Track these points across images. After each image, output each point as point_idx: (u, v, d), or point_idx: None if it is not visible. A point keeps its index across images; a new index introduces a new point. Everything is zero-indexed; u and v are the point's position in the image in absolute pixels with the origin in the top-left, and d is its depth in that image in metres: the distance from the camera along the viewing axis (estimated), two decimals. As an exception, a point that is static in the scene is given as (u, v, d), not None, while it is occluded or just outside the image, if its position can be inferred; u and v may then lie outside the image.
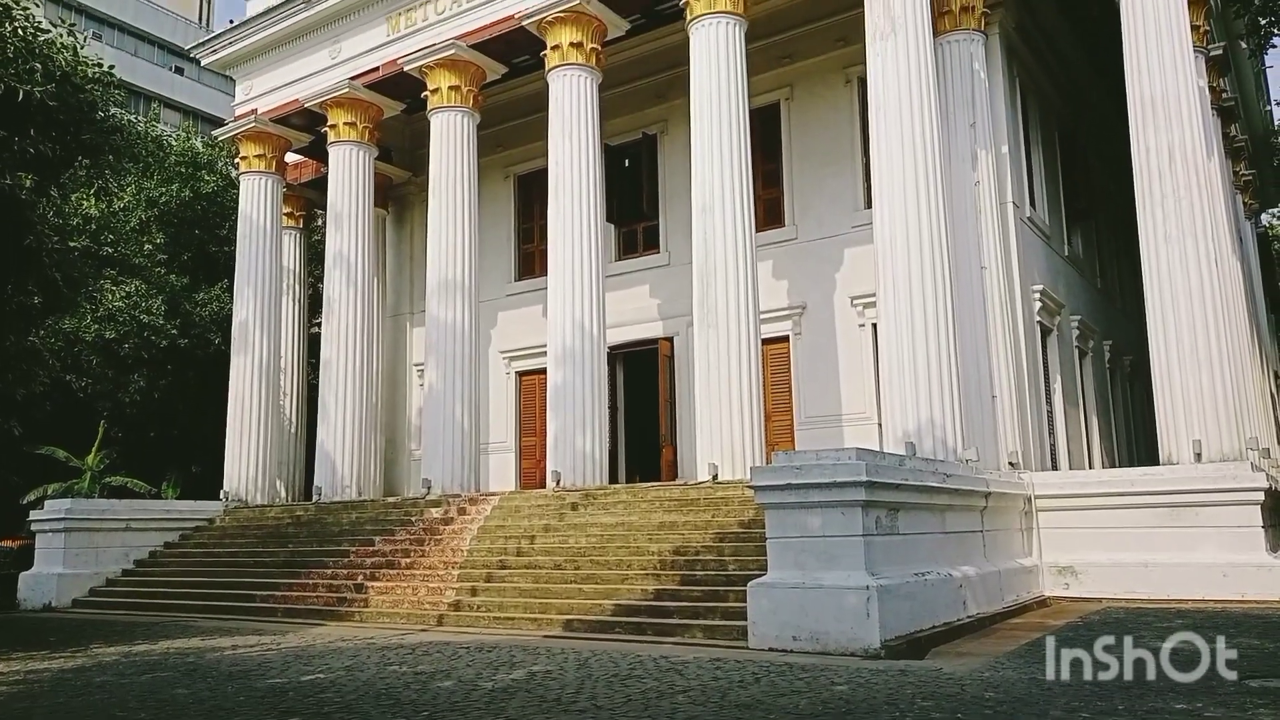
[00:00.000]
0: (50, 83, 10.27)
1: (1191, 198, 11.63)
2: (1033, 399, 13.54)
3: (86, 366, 19.98)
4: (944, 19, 13.43)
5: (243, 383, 18.25)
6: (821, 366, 15.25)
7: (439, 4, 16.52)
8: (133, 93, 35.99)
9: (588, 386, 14.08)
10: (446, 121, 16.25)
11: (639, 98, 17.34)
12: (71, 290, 12.34)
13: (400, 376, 20.54)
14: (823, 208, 15.69)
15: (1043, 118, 16.73)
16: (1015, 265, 13.59)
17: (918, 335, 11.59)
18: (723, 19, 13.47)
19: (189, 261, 22.70)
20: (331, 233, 17.67)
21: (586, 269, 14.39)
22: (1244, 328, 15.42)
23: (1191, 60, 12.29)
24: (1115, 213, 19.88)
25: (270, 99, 18.85)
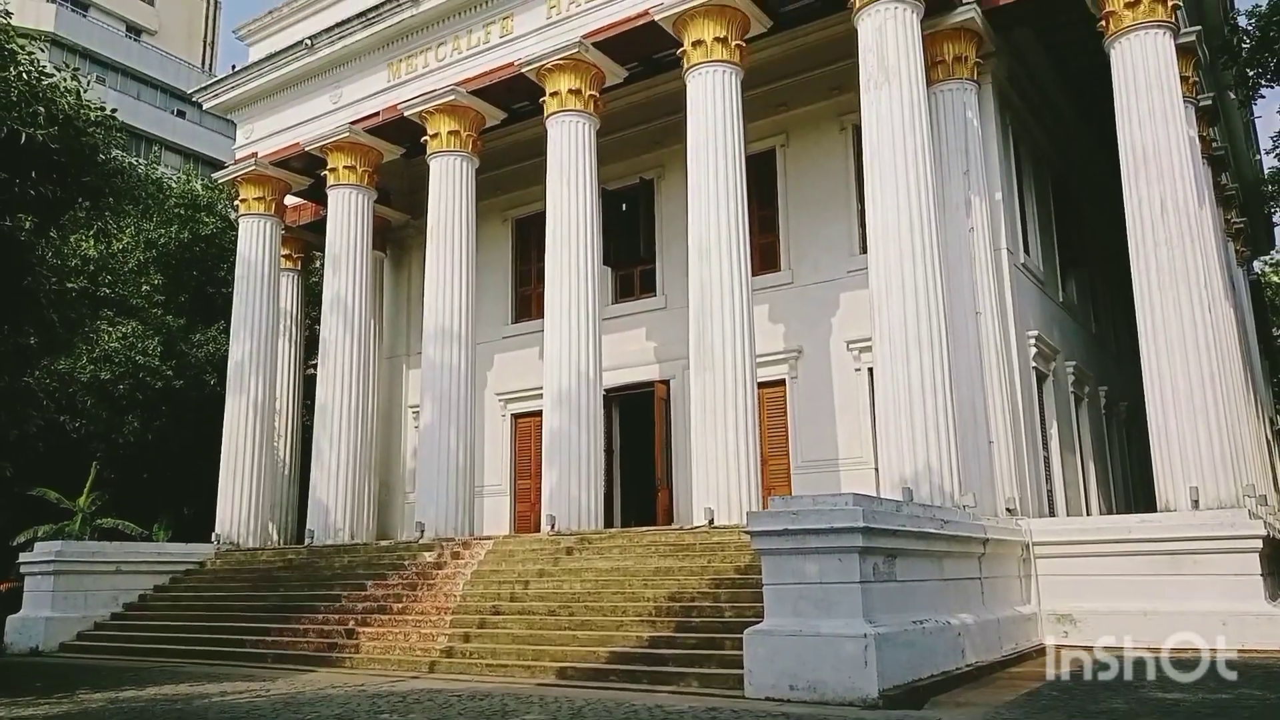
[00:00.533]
0: (53, 126, 10.37)
1: (1184, 246, 11.73)
2: (1029, 445, 13.52)
3: (81, 407, 19.91)
4: (937, 68, 13.63)
5: (237, 424, 18.18)
6: (818, 410, 15.24)
7: (440, 51, 16.74)
8: (134, 135, 36.33)
9: (584, 430, 14.05)
10: (445, 166, 16.39)
11: (637, 143, 17.51)
12: (68, 331, 12.35)
13: (395, 418, 20.48)
14: (818, 252, 15.79)
15: (1035, 165, 16.92)
16: (1010, 311, 13.65)
17: (914, 380, 11.60)
18: (719, 68, 13.66)
19: (186, 303, 22.75)
20: (329, 275, 17.73)
21: (583, 313, 14.43)
22: (1239, 375, 15.46)
23: (1181, 111, 12.46)
24: (1109, 259, 20.01)
25: (271, 142, 19.02)
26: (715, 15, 13.60)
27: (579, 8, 15.05)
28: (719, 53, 13.65)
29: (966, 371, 12.69)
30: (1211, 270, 12.46)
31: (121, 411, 20.31)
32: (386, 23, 16.88)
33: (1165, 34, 12.52)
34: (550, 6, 15.39)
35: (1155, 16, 12.46)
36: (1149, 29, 12.46)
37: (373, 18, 17.01)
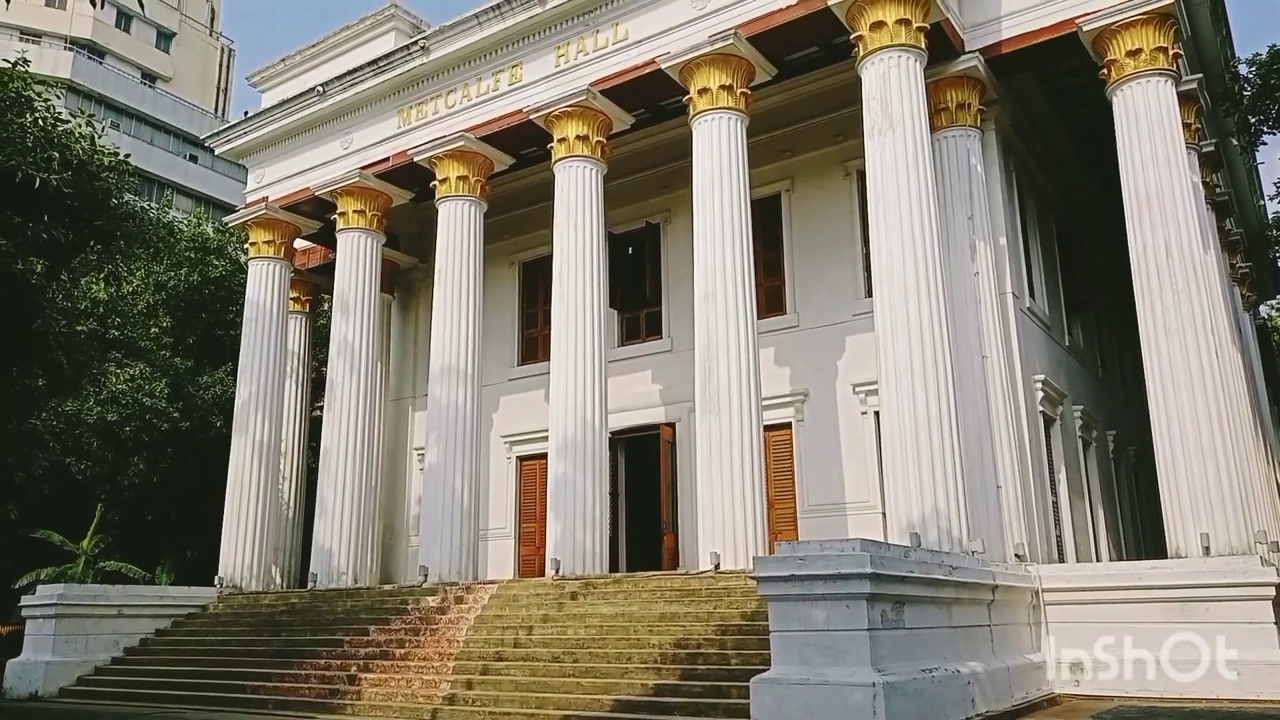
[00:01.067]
0: (67, 170, 10.52)
1: (1190, 291, 11.73)
2: (1037, 489, 13.43)
3: (86, 449, 19.92)
4: (940, 115, 13.77)
5: (242, 466, 18.16)
6: (824, 454, 15.17)
7: (450, 98, 16.98)
8: (146, 180, 36.79)
9: (589, 474, 14.00)
10: (454, 210, 16.53)
11: (643, 187, 17.67)
12: (76, 373, 12.44)
13: (401, 461, 20.44)
14: (824, 296, 15.83)
15: (1040, 210, 17.01)
16: (1016, 355, 13.64)
17: (920, 424, 11.56)
18: (724, 115, 13.81)
19: (194, 345, 22.85)
20: (337, 318, 17.81)
21: (589, 356, 14.46)
22: (1248, 420, 15.39)
23: (1184, 157, 12.54)
24: (1115, 304, 20.03)
25: (281, 187, 19.22)
26: (720, 64, 13.79)
27: (586, 56, 15.27)
28: (724, 100, 13.81)
29: (973, 415, 12.65)
30: (1218, 314, 12.44)
31: (127, 453, 20.31)
32: (398, 71, 17.14)
33: (1167, 82, 12.64)
34: (559, 55, 15.62)
35: (1157, 65, 12.59)
36: (1151, 77, 12.58)
37: (384, 66, 17.28)
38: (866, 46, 12.73)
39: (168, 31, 48.73)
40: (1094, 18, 12.88)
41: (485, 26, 15.96)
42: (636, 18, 14.79)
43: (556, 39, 15.62)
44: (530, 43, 15.90)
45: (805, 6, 13.17)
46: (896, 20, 12.51)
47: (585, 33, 15.32)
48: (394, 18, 18.38)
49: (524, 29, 15.74)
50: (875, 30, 12.63)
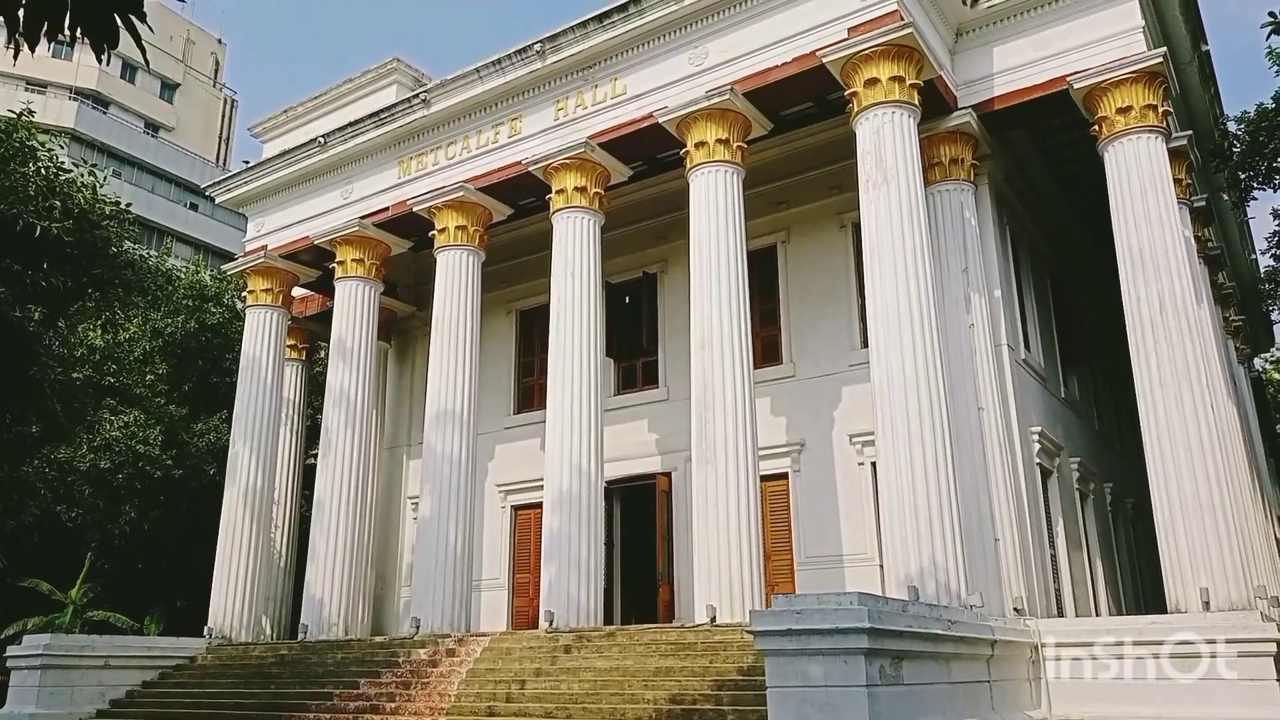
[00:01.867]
0: (68, 219, 10.61)
1: (1184, 344, 11.79)
2: (1036, 542, 13.35)
3: (78, 497, 19.79)
4: (934, 169, 13.95)
5: (234, 514, 18.01)
6: (821, 505, 15.10)
7: (450, 150, 17.18)
8: (147, 227, 37.03)
9: (584, 524, 13.90)
10: (452, 259, 16.64)
11: (640, 238, 17.81)
12: (71, 421, 12.41)
13: (394, 510, 20.30)
14: (820, 346, 15.88)
15: (1034, 263, 17.15)
16: (1012, 407, 13.65)
17: (917, 476, 11.51)
18: (721, 167, 13.98)
19: (189, 392, 22.82)
20: (334, 366, 17.81)
21: (585, 405, 14.44)
22: (1244, 473, 15.36)
23: (1176, 212, 12.70)
24: (1110, 356, 20.09)
25: (281, 235, 19.34)
26: (717, 118, 13.99)
27: (585, 110, 15.49)
28: (721, 153, 13.98)
29: (970, 467, 12.62)
30: (1213, 367, 12.49)
31: (119, 501, 20.17)
32: (399, 123, 17.36)
33: (1157, 138, 12.85)
34: (558, 108, 15.84)
35: (1147, 122, 12.81)
36: (1141, 133, 12.79)
37: (385, 118, 17.50)
38: (861, 103, 12.93)
39: (172, 82, 49.43)
40: (1084, 76, 13.13)
41: (486, 80, 16.21)
42: (635, 73, 15.04)
43: (556, 93, 15.86)
44: (530, 96, 16.14)
45: (800, 64, 13.40)
46: (890, 77, 12.72)
47: (584, 87, 15.56)
48: (396, 71, 18.66)
49: (524, 83, 15.98)
50: (869, 87, 12.84)
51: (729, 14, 14.07)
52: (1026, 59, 13.85)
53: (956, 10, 14.12)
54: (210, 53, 53.09)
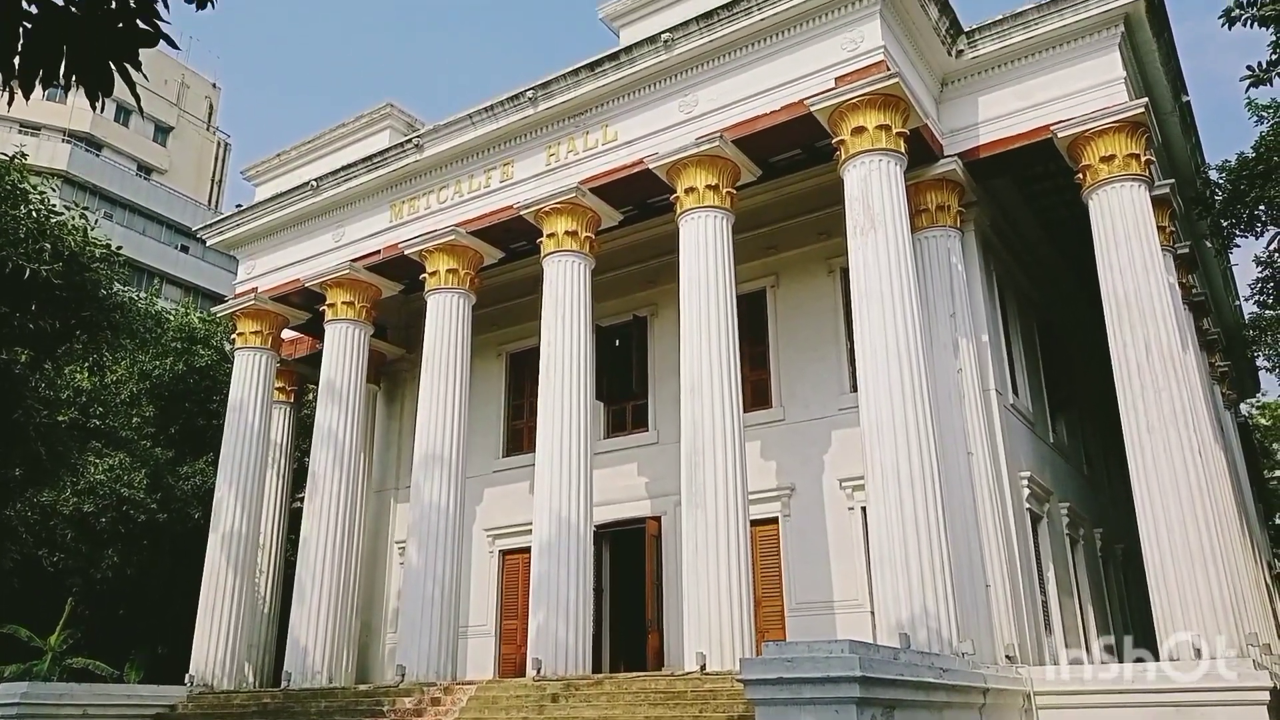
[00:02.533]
0: (58, 262, 10.61)
1: (1171, 389, 11.86)
2: (1027, 588, 13.29)
3: (60, 541, 19.53)
4: (921, 216, 14.11)
5: (219, 559, 17.78)
6: (812, 550, 15.01)
7: (442, 194, 17.28)
8: (137, 269, 37.02)
9: (572, 569, 13.78)
10: (443, 302, 16.66)
11: (630, 281, 17.89)
12: (55, 464, 12.29)
13: (381, 555, 20.09)
14: (809, 390, 15.90)
15: (1021, 308, 17.29)
16: (1001, 451, 13.67)
17: (908, 521, 11.47)
18: (710, 213, 14.09)
19: (176, 434, 22.65)
20: (322, 408, 17.72)
21: (575, 448, 14.39)
22: (1234, 519, 15.37)
23: (1160, 259, 12.85)
24: (1098, 401, 20.19)
25: (271, 278, 19.35)
26: (706, 165, 14.14)
27: (576, 156, 15.63)
28: (710, 199, 14.10)
29: (960, 513, 12.59)
30: (1200, 413, 12.55)
31: (102, 545, 19.91)
32: (391, 167, 17.49)
33: (1141, 186, 13.04)
34: (549, 154, 15.99)
35: (1130, 170, 13.01)
36: (1125, 182, 12.98)
37: (378, 162, 17.62)
38: (848, 150, 13.10)
39: (165, 126, 49.78)
40: (1068, 125, 13.35)
41: (478, 126, 16.37)
42: (626, 120, 15.21)
43: (548, 139, 16.02)
44: (522, 142, 16.29)
45: (789, 112, 13.59)
46: (877, 126, 12.90)
47: (576, 133, 15.73)
48: (389, 116, 18.82)
49: (516, 129, 16.15)
50: (856, 135, 13.01)
51: (718, 63, 14.29)
52: (1011, 108, 14.09)
53: (941, 60, 14.39)
54: (205, 96, 53.56)
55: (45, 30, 3.49)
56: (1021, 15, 13.83)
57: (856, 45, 13.13)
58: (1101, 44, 13.58)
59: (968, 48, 14.27)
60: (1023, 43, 13.90)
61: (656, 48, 14.43)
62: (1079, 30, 13.58)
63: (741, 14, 13.74)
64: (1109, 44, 13.53)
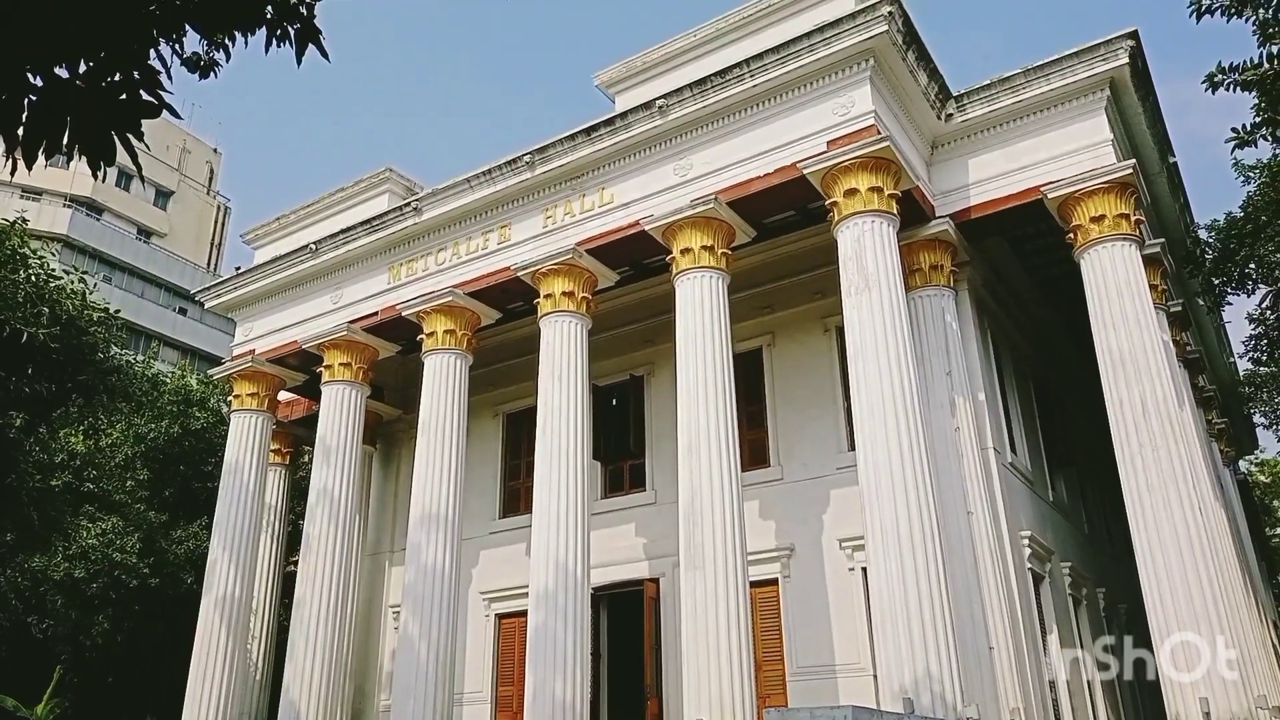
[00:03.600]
0: (55, 326, 10.65)
1: (1169, 447, 11.85)
2: (1031, 650, 13.09)
3: (50, 607, 19.23)
4: (915, 276, 14.23)
5: (210, 625, 17.51)
6: (812, 612, 14.82)
7: (440, 256, 17.43)
8: (135, 332, 37.14)
9: (570, 632, 13.58)
10: (440, 363, 16.68)
11: (627, 341, 17.95)
12: (46, 529, 12.18)
13: (375, 619, 19.81)
14: (807, 449, 15.86)
15: (1017, 367, 17.33)
16: (1001, 510, 13.59)
17: (909, 582, 11.35)
18: (706, 273, 14.20)
19: (170, 498, 22.46)
20: (318, 470, 17.63)
21: (572, 509, 14.29)
22: (1238, 578, 15.23)
23: (1153, 317, 12.95)
24: (1097, 459, 20.13)
25: (269, 340, 19.40)
26: (702, 226, 14.29)
27: (573, 218, 15.81)
28: (706, 260, 14.23)
29: (961, 573, 12.47)
30: (1199, 470, 12.52)
31: (92, 611, 19.60)
32: (390, 230, 17.65)
33: (1131, 246, 13.19)
34: (546, 216, 16.17)
35: (1120, 230, 13.17)
36: (1115, 241, 13.14)
37: (377, 225, 17.80)
38: (841, 211, 13.25)
39: (166, 190, 50.33)
40: (1057, 186, 13.55)
41: (476, 189, 16.57)
42: (622, 182, 15.42)
43: (545, 201, 16.21)
44: (519, 205, 16.49)
45: (782, 175, 13.79)
46: (869, 188, 13.08)
47: (572, 196, 15.93)
48: (389, 180, 19.07)
49: (514, 192, 16.35)
50: (849, 197, 13.18)
51: (712, 127, 14.54)
52: (1000, 170, 14.31)
53: (931, 124, 14.65)
54: (206, 161, 54.26)
55: (50, 102, 3.56)
56: (1009, 80, 14.12)
57: (848, 110, 13.38)
58: (1088, 107, 13.85)
59: (957, 111, 14.54)
60: (1011, 106, 14.17)
61: (651, 113, 14.69)
62: (1065, 94, 13.86)
63: (734, 81, 14.02)
64: (1095, 107, 13.81)
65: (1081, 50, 13.63)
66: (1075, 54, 13.66)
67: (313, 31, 4.24)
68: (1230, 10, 9.59)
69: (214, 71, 5.19)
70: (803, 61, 13.49)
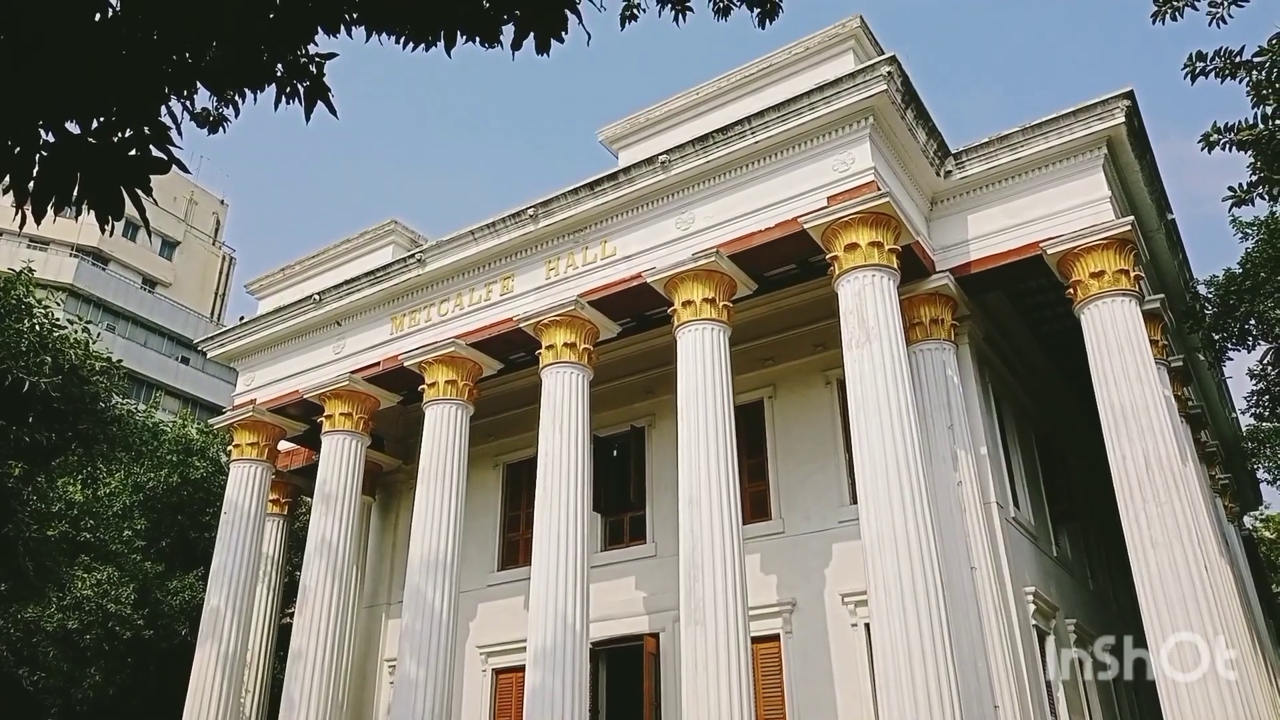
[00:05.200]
0: (57, 375, 10.67)
1: (1173, 503, 11.77)
2: (1037, 709, 12.87)
3: (42, 659, 18.97)
4: (915, 329, 14.27)
5: (205, 678, 17.25)
6: (815, 669, 14.59)
7: (442, 307, 17.50)
8: (136, 380, 37.19)
9: (568, 689, 13.34)
10: (441, 414, 16.66)
11: (628, 392, 17.94)
12: (41, 580, 12.09)
13: (370, 672, 19.52)
14: (808, 502, 15.75)
15: (1018, 421, 17.29)
16: (1005, 566, 13.44)
17: (912, 639, 11.18)
18: (707, 325, 14.25)
19: (166, 548, 22.30)
20: (316, 519, 17.51)
21: (572, 561, 14.14)
22: (1245, 635, 15.02)
23: (1154, 372, 12.94)
24: (1100, 514, 19.99)
25: (270, 390, 19.40)
26: (703, 279, 14.37)
27: (575, 270, 15.91)
28: (707, 312, 14.29)
29: (965, 629, 12.30)
30: (1203, 526, 12.42)
31: (84, 663, 19.34)
32: (393, 281, 17.75)
33: (1131, 301, 13.24)
34: (549, 268, 16.27)
35: (1120, 286, 13.23)
36: (1115, 296, 13.19)
37: (380, 276, 17.90)
38: (842, 265, 13.33)
39: (172, 240, 50.79)
40: (1056, 242, 13.65)
41: (480, 241, 16.70)
42: (624, 235, 15.54)
43: (547, 253, 16.33)
44: (522, 257, 16.60)
45: (783, 229, 13.90)
46: (869, 243, 13.17)
47: (575, 248, 16.04)
48: (393, 232, 19.24)
49: (517, 244, 16.47)
50: (850, 251, 13.27)
51: (714, 182, 14.70)
52: (1000, 225, 14.43)
53: (930, 180, 14.81)
54: (212, 212, 54.81)
55: (61, 156, 3.61)
56: (1007, 138, 14.30)
57: (848, 166, 13.53)
58: (1086, 165, 14.01)
59: (956, 169, 14.71)
60: (1009, 164, 14.33)
61: (654, 168, 14.86)
62: (1063, 152, 14.03)
63: (735, 138, 14.20)
64: (1093, 165, 13.96)
65: (1078, 109, 13.83)
66: (1072, 113, 13.85)
67: (322, 89, 4.31)
68: (1224, 72, 9.74)
69: (223, 127, 5.28)
70: (803, 119, 13.69)
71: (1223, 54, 9.71)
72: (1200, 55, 9.75)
